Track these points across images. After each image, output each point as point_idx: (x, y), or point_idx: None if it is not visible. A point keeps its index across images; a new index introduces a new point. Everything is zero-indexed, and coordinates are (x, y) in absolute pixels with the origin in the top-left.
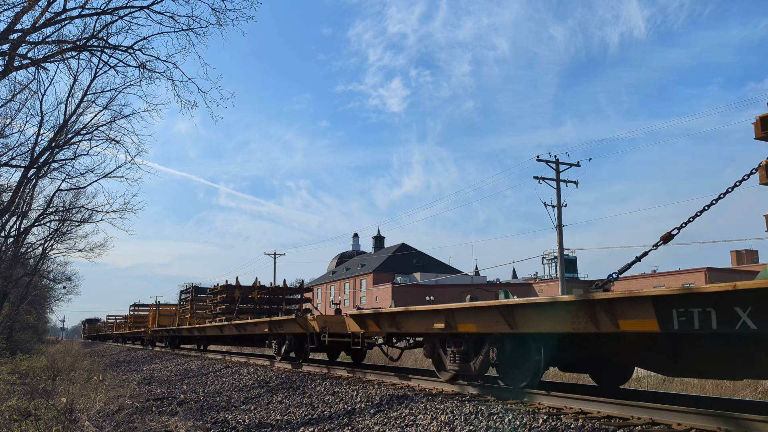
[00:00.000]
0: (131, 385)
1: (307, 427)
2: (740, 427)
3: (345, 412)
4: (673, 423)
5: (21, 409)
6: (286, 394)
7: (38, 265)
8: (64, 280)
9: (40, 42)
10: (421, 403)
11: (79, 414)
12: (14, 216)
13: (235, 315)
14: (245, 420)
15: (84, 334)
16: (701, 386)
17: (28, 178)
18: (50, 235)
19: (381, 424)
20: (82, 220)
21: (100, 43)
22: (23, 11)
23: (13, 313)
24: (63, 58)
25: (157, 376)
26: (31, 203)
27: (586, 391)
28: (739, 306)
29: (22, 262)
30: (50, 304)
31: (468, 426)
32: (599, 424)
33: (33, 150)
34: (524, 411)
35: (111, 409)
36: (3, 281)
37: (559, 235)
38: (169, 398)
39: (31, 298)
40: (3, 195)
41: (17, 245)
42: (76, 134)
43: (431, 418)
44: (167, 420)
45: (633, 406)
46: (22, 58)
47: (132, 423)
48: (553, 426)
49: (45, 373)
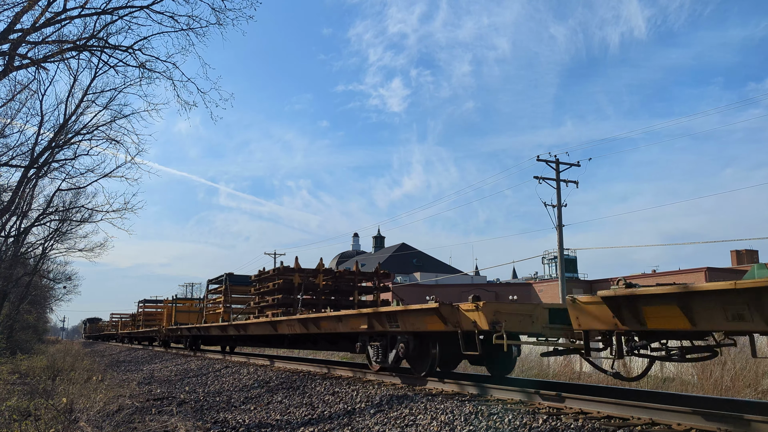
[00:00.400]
0: (131, 385)
1: (307, 427)
2: (740, 428)
3: (345, 412)
4: (673, 423)
5: (21, 409)
6: (286, 394)
7: (38, 264)
8: (64, 280)
9: (40, 42)
10: (421, 403)
11: (78, 414)
12: (14, 216)
13: (299, 307)
14: (245, 420)
15: (85, 334)
16: (701, 386)
17: (28, 178)
18: (50, 235)
19: (381, 424)
20: (82, 220)
21: (100, 42)
22: (23, 11)
23: (14, 313)
24: (63, 58)
25: (157, 376)
26: (31, 203)
27: (586, 391)
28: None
29: (22, 262)
30: (50, 304)
31: (468, 426)
32: (599, 424)
33: (33, 150)
34: (524, 411)
35: (111, 409)
36: (3, 281)
37: (559, 235)
38: (169, 398)
39: (31, 297)
40: (3, 195)
41: (17, 245)
42: (76, 134)
43: (431, 418)
44: (167, 420)
45: (633, 406)
46: (22, 57)
47: (132, 423)
48: (553, 426)
49: (45, 373)
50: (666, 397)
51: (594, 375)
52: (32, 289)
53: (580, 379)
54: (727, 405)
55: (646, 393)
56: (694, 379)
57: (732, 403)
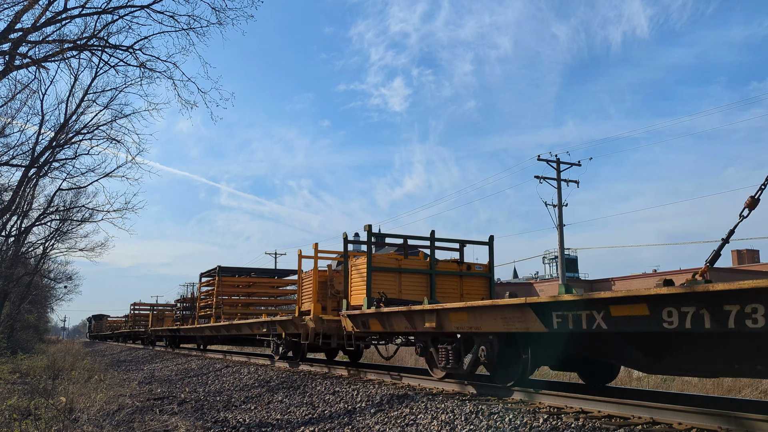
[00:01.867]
0: (132, 385)
1: (307, 426)
2: (741, 427)
3: (345, 411)
4: (674, 422)
5: (21, 408)
6: (286, 394)
7: (39, 264)
8: (65, 280)
9: (40, 41)
10: (422, 402)
11: (79, 413)
12: (15, 215)
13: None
14: (246, 419)
15: (90, 333)
16: (702, 386)
17: (29, 178)
18: (51, 235)
19: (381, 424)
20: (83, 220)
21: (101, 42)
22: (24, 10)
23: (14, 313)
24: (63, 57)
25: (158, 376)
26: (31, 203)
27: (587, 391)
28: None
29: (23, 262)
30: (51, 304)
31: (468, 425)
32: (600, 424)
33: (34, 149)
34: (525, 410)
35: (111, 409)
36: (4, 281)
37: (560, 235)
38: (169, 398)
39: (32, 297)
40: (4, 194)
41: (18, 245)
42: (76, 134)
43: (431, 418)
44: (167, 419)
45: (634, 406)
46: (22, 57)
47: (132, 422)
48: (553, 425)
49: (45, 373)
50: (667, 396)
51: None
52: (33, 289)
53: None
54: (729, 404)
55: (647, 392)
56: (694, 378)
57: (733, 402)
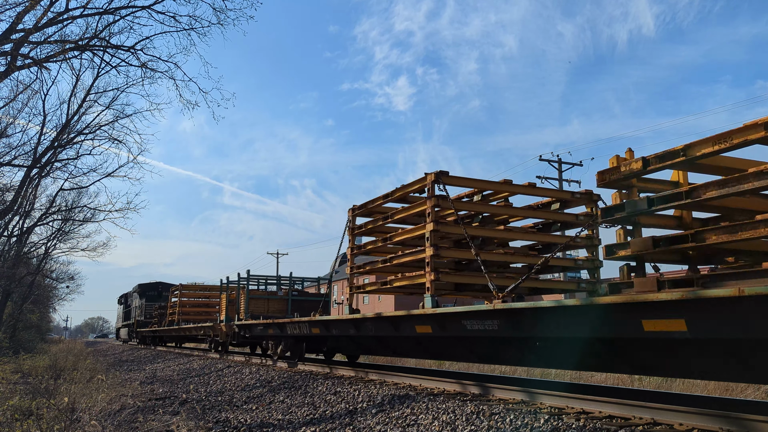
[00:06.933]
0: (133, 385)
1: (308, 426)
2: (743, 428)
3: (347, 411)
4: (675, 423)
5: (23, 408)
6: (287, 394)
7: (41, 264)
8: (67, 280)
9: (42, 42)
10: (423, 402)
11: (81, 413)
12: (17, 215)
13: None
14: (247, 419)
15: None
16: (704, 386)
17: (31, 178)
18: (53, 235)
19: (383, 424)
20: (85, 220)
21: (102, 42)
22: (25, 11)
23: (17, 313)
24: (65, 57)
25: (160, 376)
26: (33, 203)
27: (588, 392)
28: None
29: (25, 262)
30: (53, 304)
31: (469, 426)
32: (601, 424)
33: (36, 149)
34: (526, 411)
35: (113, 409)
36: (6, 281)
37: None
38: (171, 398)
39: (34, 297)
40: (6, 194)
41: (20, 245)
42: (78, 134)
43: (432, 418)
44: (169, 419)
45: (635, 406)
46: (24, 57)
47: (134, 422)
48: (554, 426)
49: (47, 373)
50: (668, 396)
51: (596, 375)
52: (35, 289)
53: (581, 379)
54: (730, 405)
55: (648, 392)
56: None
57: (734, 403)
